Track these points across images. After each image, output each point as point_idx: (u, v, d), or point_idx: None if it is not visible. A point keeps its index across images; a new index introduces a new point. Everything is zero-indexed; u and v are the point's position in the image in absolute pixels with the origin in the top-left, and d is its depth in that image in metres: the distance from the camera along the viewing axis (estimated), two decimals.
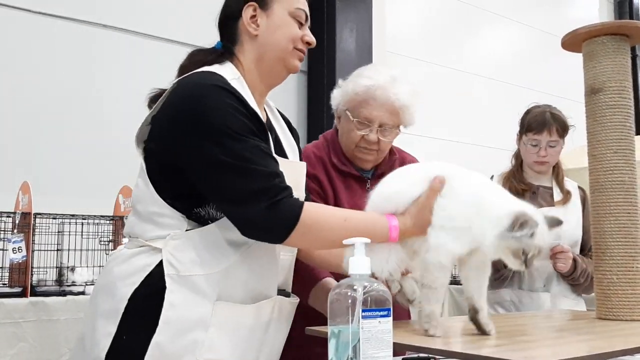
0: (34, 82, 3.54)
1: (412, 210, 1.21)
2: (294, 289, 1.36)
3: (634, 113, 1.47)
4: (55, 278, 2.83)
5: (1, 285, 2.69)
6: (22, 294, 2.55)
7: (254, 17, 1.29)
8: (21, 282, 2.59)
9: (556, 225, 1.15)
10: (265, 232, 1.15)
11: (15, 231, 2.67)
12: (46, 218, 2.81)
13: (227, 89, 1.17)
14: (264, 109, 1.37)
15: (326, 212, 1.20)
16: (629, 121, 1.44)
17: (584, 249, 2.15)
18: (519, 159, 2.30)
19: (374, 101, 1.60)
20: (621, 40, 1.45)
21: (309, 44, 1.33)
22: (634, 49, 7.57)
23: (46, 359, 2.54)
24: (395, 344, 0.94)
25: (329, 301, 0.93)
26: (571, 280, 2.07)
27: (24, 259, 2.57)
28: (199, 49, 1.35)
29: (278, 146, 1.32)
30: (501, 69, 6.07)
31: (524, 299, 2.12)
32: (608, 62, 1.44)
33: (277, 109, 1.45)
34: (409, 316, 1.64)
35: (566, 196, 2.20)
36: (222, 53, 1.32)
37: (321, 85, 4.63)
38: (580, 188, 2.27)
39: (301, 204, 1.15)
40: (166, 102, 1.21)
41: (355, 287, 0.91)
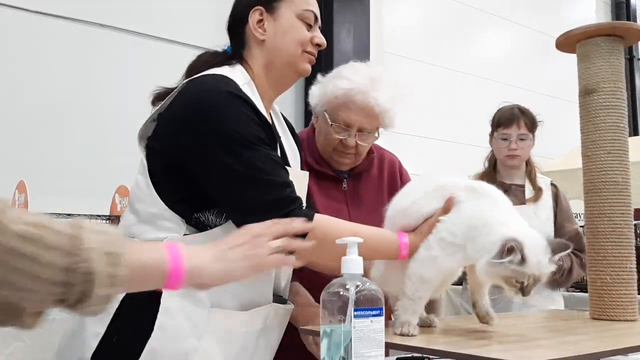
0: (30, 81, 3.54)
1: (424, 229, 1.20)
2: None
3: (627, 114, 1.47)
4: None
5: None
6: None
7: (260, 21, 1.27)
8: None
9: (562, 250, 1.09)
10: None
11: None
12: None
13: (241, 96, 1.16)
14: (270, 114, 1.35)
15: (337, 226, 1.18)
16: (622, 122, 1.45)
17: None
18: (492, 160, 2.42)
19: (353, 105, 1.52)
20: (615, 41, 1.45)
21: (319, 46, 1.30)
22: (630, 50, 7.60)
23: (42, 358, 2.54)
24: (387, 344, 0.94)
25: (321, 300, 0.93)
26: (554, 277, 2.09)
27: None
28: (207, 51, 1.33)
29: (282, 154, 1.30)
30: (498, 70, 6.08)
31: (530, 299, 2.13)
32: (602, 63, 1.45)
33: (282, 113, 1.43)
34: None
35: (537, 193, 2.28)
36: (231, 56, 1.30)
37: None
38: (552, 185, 2.34)
39: (312, 215, 1.13)
40: (176, 102, 1.18)
41: (347, 286, 0.91)
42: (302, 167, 1.43)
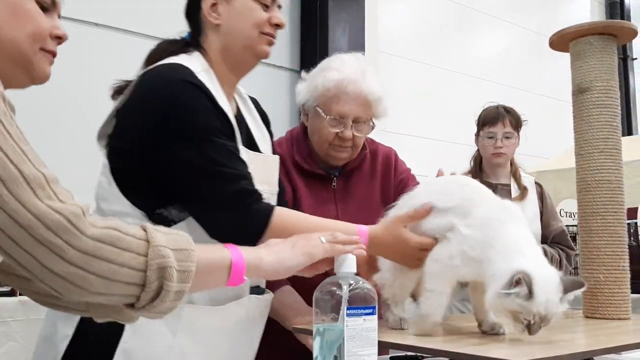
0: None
1: (387, 222, 1.21)
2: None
3: (620, 113, 1.47)
4: None
5: None
6: (11, 293, 2.54)
7: (214, 5, 1.22)
8: None
9: (576, 288, 1.03)
10: (232, 238, 1.08)
11: None
12: None
13: (196, 84, 1.13)
14: (235, 98, 1.32)
15: (298, 219, 1.17)
16: (615, 121, 1.45)
17: (544, 242, 2.26)
18: (477, 159, 2.45)
19: (345, 96, 1.51)
20: (608, 40, 1.46)
21: (278, 26, 1.25)
22: (624, 50, 7.62)
23: (30, 358, 2.53)
24: (380, 342, 0.94)
25: (314, 299, 0.93)
26: None
27: None
28: (166, 39, 1.29)
29: (249, 138, 1.28)
30: (493, 70, 6.08)
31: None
32: (595, 62, 1.45)
33: (248, 95, 1.39)
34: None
35: (523, 192, 2.31)
36: (188, 43, 1.26)
37: None
38: (537, 184, 2.40)
39: (271, 209, 1.11)
40: (132, 96, 1.16)
41: (340, 285, 0.91)
42: (274, 151, 1.42)
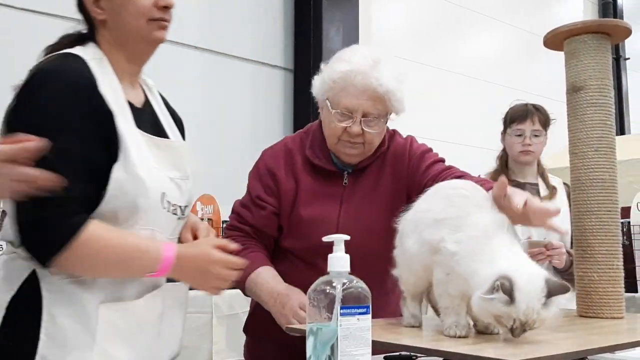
0: (16, 79, 3.50)
1: (197, 241, 1.25)
2: None
3: (614, 112, 1.47)
4: None
5: None
6: None
7: (97, 0, 1.20)
8: None
9: (559, 293, 1.01)
10: (28, 249, 1.07)
11: None
12: None
13: (68, 76, 1.11)
14: (142, 88, 1.31)
15: (102, 239, 1.10)
16: (609, 119, 1.45)
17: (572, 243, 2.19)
18: (503, 158, 2.38)
19: (353, 88, 1.43)
20: (602, 38, 1.45)
21: (166, 8, 1.21)
22: (617, 50, 7.66)
23: None
24: (374, 342, 0.93)
25: (307, 298, 0.92)
26: (568, 275, 2.07)
27: None
28: (66, 33, 1.26)
29: (157, 126, 1.28)
30: (487, 69, 6.10)
31: None
32: (589, 61, 1.45)
33: (158, 91, 1.39)
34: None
35: (552, 191, 2.26)
36: (83, 36, 1.24)
37: (307, 84, 4.62)
38: (565, 184, 2.32)
39: (75, 228, 1.06)
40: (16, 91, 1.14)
41: (334, 284, 0.91)
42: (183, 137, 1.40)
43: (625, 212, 3.33)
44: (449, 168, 1.54)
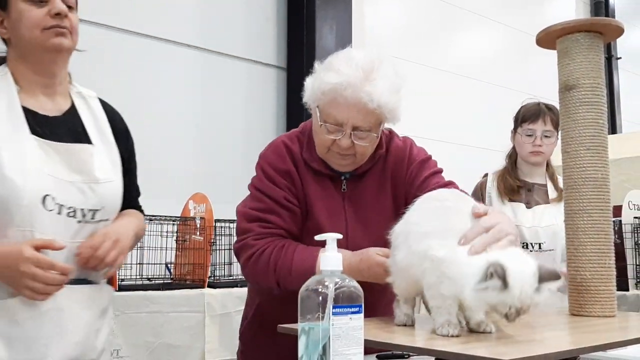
0: None
1: None
2: None
3: (606, 111, 1.47)
4: None
5: None
6: None
7: (2, 21, 1.31)
8: None
9: (551, 279, 1.02)
10: None
11: None
12: None
13: None
14: (71, 98, 1.40)
15: None
16: (602, 118, 1.45)
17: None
18: (512, 157, 2.36)
19: (343, 100, 1.35)
20: (595, 37, 1.46)
21: (59, 15, 1.29)
22: (609, 49, 7.69)
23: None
24: (366, 341, 0.93)
25: (299, 297, 0.91)
26: None
27: None
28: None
29: (76, 132, 1.35)
30: (479, 68, 6.10)
31: None
32: (582, 59, 1.45)
33: (100, 99, 1.47)
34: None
35: (560, 194, 2.23)
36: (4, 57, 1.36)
37: (300, 82, 4.61)
38: None
39: None
40: None
41: (326, 283, 0.90)
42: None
43: (617, 210, 3.34)
44: (448, 184, 1.50)
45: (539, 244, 2.25)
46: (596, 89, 1.44)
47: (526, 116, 2.28)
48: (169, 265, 3.28)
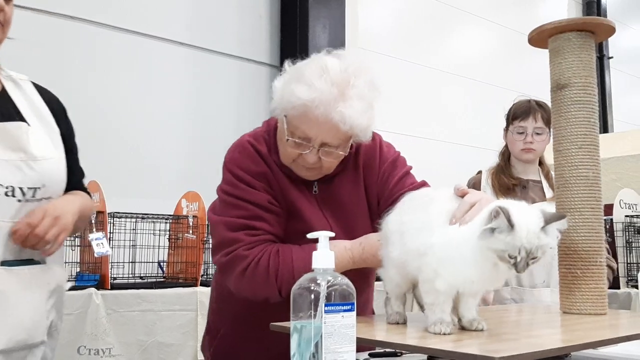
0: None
1: None
2: None
3: (598, 110, 1.48)
4: None
5: None
6: None
7: None
8: None
9: (557, 219, 1.03)
10: None
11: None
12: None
13: None
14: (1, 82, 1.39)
15: None
16: (593, 117, 1.45)
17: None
18: (506, 154, 2.37)
19: (314, 118, 1.27)
20: (586, 36, 1.46)
21: None
22: (601, 49, 7.73)
23: None
24: (359, 339, 0.93)
25: (291, 295, 0.91)
26: None
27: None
28: None
29: (9, 114, 1.34)
30: (472, 67, 6.12)
31: (525, 295, 2.12)
32: (573, 58, 1.45)
33: (32, 82, 1.46)
34: (373, 312, 1.62)
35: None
36: None
37: None
38: None
39: None
40: None
41: (318, 281, 0.90)
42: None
43: (608, 209, 3.36)
44: (422, 184, 1.48)
45: None
46: (587, 87, 1.45)
47: (517, 114, 2.29)
48: (161, 264, 3.28)
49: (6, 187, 1.25)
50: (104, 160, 3.63)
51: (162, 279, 3.17)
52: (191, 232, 3.07)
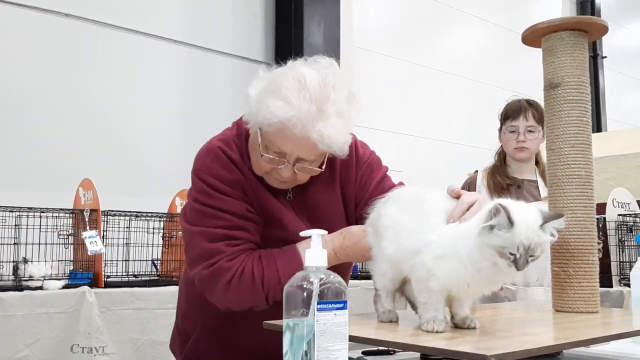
0: None
1: None
2: None
3: (591, 109, 1.48)
4: (12, 272, 2.77)
5: None
6: None
7: None
8: None
9: (555, 218, 1.04)
10: None
11: None
12: (2, 211, 2.76)
13: None
14: None
15: None
16: (586, 116, 1.46)
17: None
18: (501, 154, 2.39)
19: (291, 135, 1.23)
20: (580, 35, 1.46)
21: None
22: (594, 48, 7.76)
23: (2, 355, 2.48)
24: (351, 337, 0.93)
25: (284, 293, 0.91)
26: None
27: None
28: None
29: None
30: (466, 66, 6.14)
31: (518, 294, 2.13)
32: (567, 57, 1.45)
33: None
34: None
35: None
36: None
37: None
38: None
39: None
40: None
41: (311, 279, 0.90)
42: None
43: (601, 208, 3.38)
44: (399, 185, 1.47)
45: None
46: (581, 87, 1.45)
47: (508, 113, 2.33)
48: (155, 262, 3.27)
49: None
50: (98, 158, 3.62)
51: (156, 277, 3.16)
52: None
